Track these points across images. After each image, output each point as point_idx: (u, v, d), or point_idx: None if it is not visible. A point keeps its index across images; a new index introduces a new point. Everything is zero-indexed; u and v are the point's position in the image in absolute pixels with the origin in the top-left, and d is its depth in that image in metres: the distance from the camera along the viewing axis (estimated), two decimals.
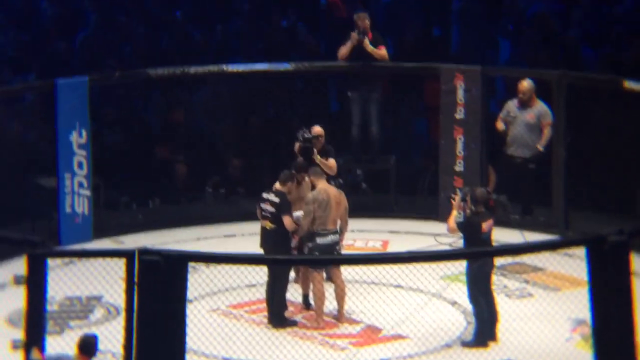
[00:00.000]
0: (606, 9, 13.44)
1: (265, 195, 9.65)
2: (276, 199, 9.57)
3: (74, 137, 11.34)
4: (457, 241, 11.39)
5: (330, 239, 9.53)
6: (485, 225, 9.16)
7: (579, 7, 13.56)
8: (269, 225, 9.60)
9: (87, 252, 8.48)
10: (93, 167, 11.42)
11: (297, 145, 10.48)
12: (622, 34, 12.92)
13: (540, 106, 11.80)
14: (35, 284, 7.28)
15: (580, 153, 11.63)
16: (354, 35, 12.10)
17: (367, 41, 12.09)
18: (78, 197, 11.39)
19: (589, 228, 10.87)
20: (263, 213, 9.63)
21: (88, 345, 7.45)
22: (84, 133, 11.35)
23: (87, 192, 11.41)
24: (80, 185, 11.41)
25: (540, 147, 11.71)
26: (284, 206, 9.55)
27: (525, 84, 11.77)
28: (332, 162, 10.42)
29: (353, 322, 9.61)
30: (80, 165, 11.39)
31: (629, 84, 11.23)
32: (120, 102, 12.68)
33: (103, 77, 11.78)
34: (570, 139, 11.60)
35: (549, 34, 13.23)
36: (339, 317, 9.63)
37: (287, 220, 9.50)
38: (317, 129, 10.59)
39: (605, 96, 11.51)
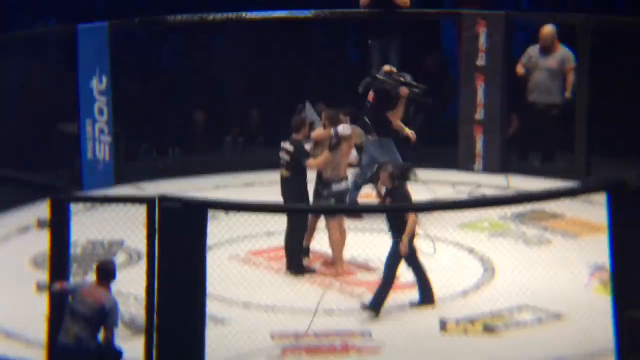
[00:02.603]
0: None
1: (282, 144, 9.67)
2: (291, 148, 9.59)
3: (95, 84, 11.37)
4: (475, 190, 11.44)
5: (344, 185, 9.57)
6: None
7: None
8: (285, 173, 9.63)
9: (109, 199, 8.53)
10: (113, 114, 11.47)
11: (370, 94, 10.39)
12: None
13: (563, 51, 11.68)
14: (59, 229, 7.38)
15: (604, 99, 11.53)
16: None
17: None
18: (99, 144, 11.45)
19: (611, 175, 10.80)
20: (280, 161, 9.68)
21: (106, 272, 7.37)
22: (104, 79, 11.38)
23: (108, 139, 11.47)
24: (102, 131, 11.47)
25: (568, 95, 11.62)
26: (300, 154, 9.55)
27: (547, 30, 11.66)
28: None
29: (371, 269, 9.65)
30: (101, 111, 11.44)
31: None
32: (139, 49, 12.68)
33: (123, 23, 11.77)
34: (594, 84, 11.50)
35: None
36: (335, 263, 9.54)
37: (308, 163, 9.50)
38: (387, 68, 10.54)
39: (631, 40, 11.34)
